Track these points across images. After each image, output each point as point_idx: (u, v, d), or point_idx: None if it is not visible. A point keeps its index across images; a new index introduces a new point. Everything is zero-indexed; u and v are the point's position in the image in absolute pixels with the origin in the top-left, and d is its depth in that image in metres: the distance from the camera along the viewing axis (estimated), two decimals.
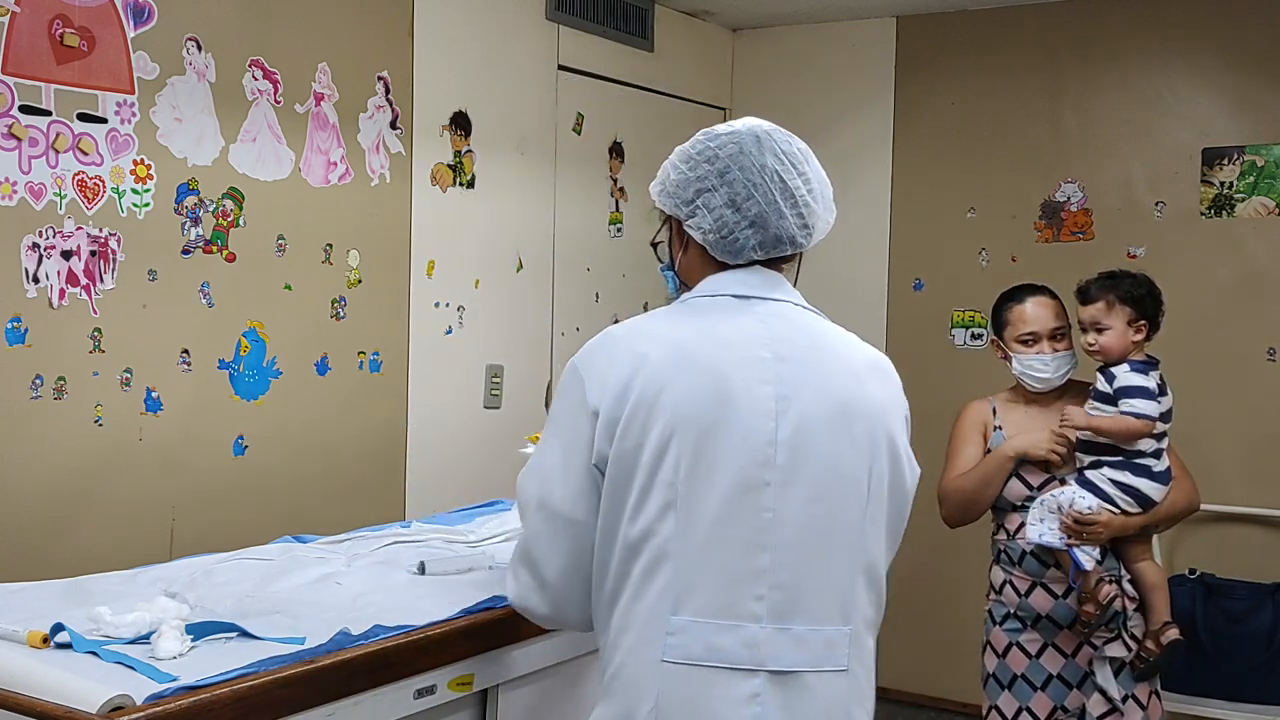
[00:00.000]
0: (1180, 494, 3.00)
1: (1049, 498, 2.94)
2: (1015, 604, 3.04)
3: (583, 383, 1.76)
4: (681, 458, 1.69)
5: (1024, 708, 3.05)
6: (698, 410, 1.70)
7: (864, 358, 1.82)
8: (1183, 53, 4.57)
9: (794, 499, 1.70)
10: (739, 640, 1.68)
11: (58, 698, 1.63)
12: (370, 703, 1.88)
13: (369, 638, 1.92)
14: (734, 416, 1.70)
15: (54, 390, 2.96)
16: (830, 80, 5.22)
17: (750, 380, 1.72)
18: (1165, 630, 2.95)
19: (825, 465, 1.72)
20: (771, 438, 1.70)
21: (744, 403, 1.71)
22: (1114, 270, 3.03)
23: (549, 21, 4.42)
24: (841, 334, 1.86)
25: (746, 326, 1.77)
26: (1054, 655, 3.02)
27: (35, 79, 2.88)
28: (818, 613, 1.70)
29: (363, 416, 3.77)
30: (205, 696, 1.66)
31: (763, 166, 1.80)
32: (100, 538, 3.05)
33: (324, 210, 3.60)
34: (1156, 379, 2.92)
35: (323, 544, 2.60)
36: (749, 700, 1.67)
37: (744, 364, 1.73)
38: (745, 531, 1.69)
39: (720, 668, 1.68)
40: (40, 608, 2.02)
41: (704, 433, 1.70)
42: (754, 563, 1.68)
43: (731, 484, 1.69)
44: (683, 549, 1.69)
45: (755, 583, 1.68)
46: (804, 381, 1.74)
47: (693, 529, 1.69)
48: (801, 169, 1.82)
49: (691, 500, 1.69)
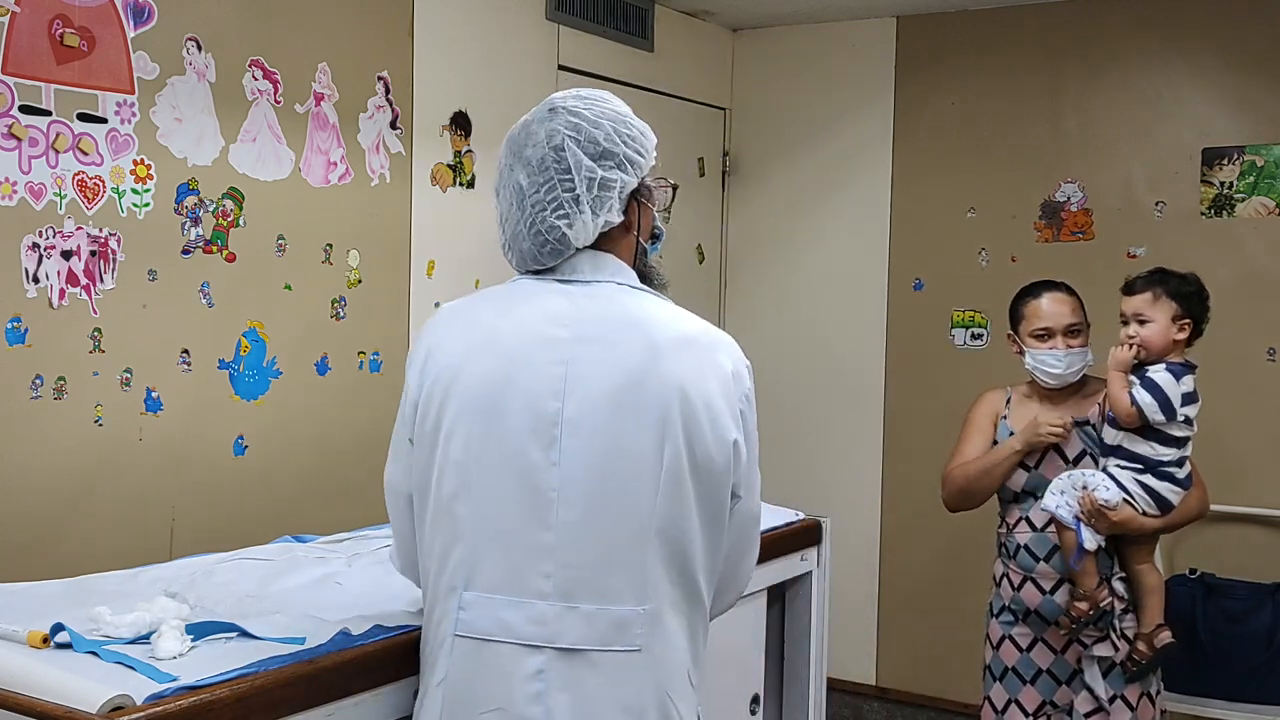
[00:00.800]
0: (1192, 499, 2.99)
1: (1078, 474, 2.94)
2: (1010, 597, 3.07)
3: (409, 362, 1.85)
4: (470, 439, 1.73)
5: (1013, 700, 3.07)
6: (485, 392, 1.74)
7: (676, 334, 1.78)
8: (1183, 53, 4.57)
9: (578, 478, 1.71)
10: (527, 617, 1.70)
11: (58, 698, 1.63)
12: (370, 703, 1.88)
13: (369, 638, 1.92)
14: (518, 397, 1.73)
15: (54, 390, 2.96)
16: (830, 80, 5.22)
17: (540, 361, 1.74)
18: (1158, 633, 2.96)
19: (610, 443, 1.71)
20: (556, 418, 1.72)
21: (530, 383, 1.73)
22: (1164, 267, 3.00)
23: (549, 21, 4.42)
24: (660, 312, 1.82)
25: (551, 307, 1.78)
26: (1043, 650, 3.04)
27: (35, 79, 2.88)
28: (606, 592, 1.70)
29: (363, 416, 3.77)
30: (205, 696, 1.66)
31: (510, 181, 1.86)
32: (100, 538, 3.05)
33: (324, 210, 3.60)
34: (1188, 385, 2.88)
35: (323, 544, 2.60)
36: (533, 676, 1.70)
37: (538, 345, 1.75)
38: (530, 510, 1.71)
39: (506, 643, 1.71)
40: (40, 608, 2.02)
41: (490, 413, 1.73)
42: (540, 540, 1.71)
43: (516, 464, 1.72)
44: (473, 528, 1.73)
45: (542, 560, 1.71)
46: (598, 360, 1.74)
47: (481, 508, 1.73)
48: (547, 172, 1.81)
49: (481, 480, 1.73)
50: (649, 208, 1.95)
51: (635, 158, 1.86)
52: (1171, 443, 2.89)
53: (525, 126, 1.87)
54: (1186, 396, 2.88)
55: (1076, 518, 2.89)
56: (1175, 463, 2.90)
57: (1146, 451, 2.90)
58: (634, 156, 1.86)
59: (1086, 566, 2.90)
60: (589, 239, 1.83)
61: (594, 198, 1.81)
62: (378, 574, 2.34)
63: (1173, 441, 2.89)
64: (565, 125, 1.82)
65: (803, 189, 5.26)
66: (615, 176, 1.82)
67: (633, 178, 1.86)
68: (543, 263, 1.83)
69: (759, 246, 5.38)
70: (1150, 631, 2.97)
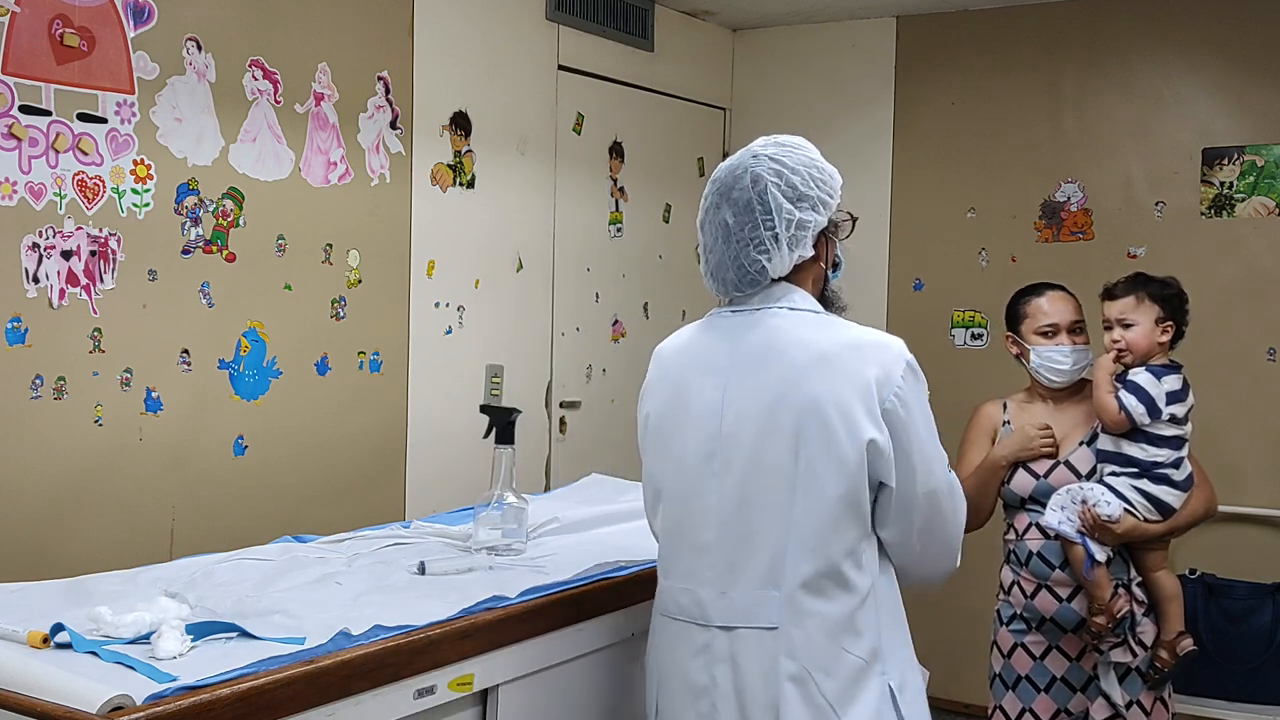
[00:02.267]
0: (1199, 501, 2.96)
1: (1075, 488, 2.92)
2: (1022, 605, 3.04)
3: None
4: (659, 456, 2.15)
5: (1027, 709, 3.04)
6: (666, 415, 2.14)
7: (814, 354, 2.02)
8: (1183, 53, 4.57)
9: (730, 485, 2.04)
10: (694, 601, 2.07)
11: (58, 698, 1.62)
12: (370, 703, 1.88)
13: (369, 638, 1.92)
14: (688, 419, 2.09)
15: (54, 390, 2.96)
16: (830, 80, 5.22)
17: (705, 386, 2.08)
18: (1180, 640, 2.94)
19: (755, 456, 2.02)
20: (716, 433, 2.06)
21: (696, 406, 2.09)
22: (1142, 272, 3.01)
23: (549, 21, 4.42)
24: (808, 334, 2.05)
25: (718, 339, 2.11)
26: (1058, 658, 3.01)
27: (35, 79, 2.88)
28: (748, 579, 2.02)
29: (363, 416, 3.77)
30: (205, 696, 1.66)
31: (716, 219, 2.12)
32: (100, 538, 3.05)
33: (324, 210, 3.60)
34: (1171, 384, 2.88)
35: (323, 544, 2.60)
36: (701, 649, 2.06)
37: (704, 373, 2.09)
38: (698, 515, 2.07)
39: (683, 621, 2.08)
40: (40, 608, 2.01)
41: (670, 434, 2.12)
42: (703, 538, 2.06)
43: (687, 475, 2.09)
44: (664, 529, 2.15)
45: (704, 554, 2.06)
46: (746, 384, 2.05)
47: (669, 514, 2.13)
48: (752, 214, 2.06)
49: (666, 491, 2.13)
50: (834, 240, 2.17)
51: (827, 199, 2.10)
52: (1162, 443, 2.87)
53: (731, 171, 2.13)
54: (1171, 395, 2.86)
55: (1080, 532, 2.88)
56: (1170, 465, 2.89)
57: (1137, 454, 2.88)
58: (825, 199, 2.10)
59: (1099, 578, 2.88)
60: (784, 271, 2.08)
61: (790, 236, 2.06)
62: (378, 574, 2.34)
63: (1163, 442, 2.87)
64: (768, 171, 2.08)
65: None
66: (810, 217, 2.07)
67: (824, 218, 2.09)
68: (742, 290, 2.10)
69: None
70: (1173, 639, 2.94)
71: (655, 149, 5.05)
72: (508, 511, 2.53)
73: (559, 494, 3.27)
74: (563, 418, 4.62)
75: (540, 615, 2.18)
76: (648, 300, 5.01)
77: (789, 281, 2.10)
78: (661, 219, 5.10)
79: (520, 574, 2.33)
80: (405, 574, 2.34)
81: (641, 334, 4.94)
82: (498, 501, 2.53)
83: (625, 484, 3.25)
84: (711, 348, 2.11)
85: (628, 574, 2.40)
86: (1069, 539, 2.90)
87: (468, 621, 2.06)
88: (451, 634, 2.02)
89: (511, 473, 2.57)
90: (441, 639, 2.00)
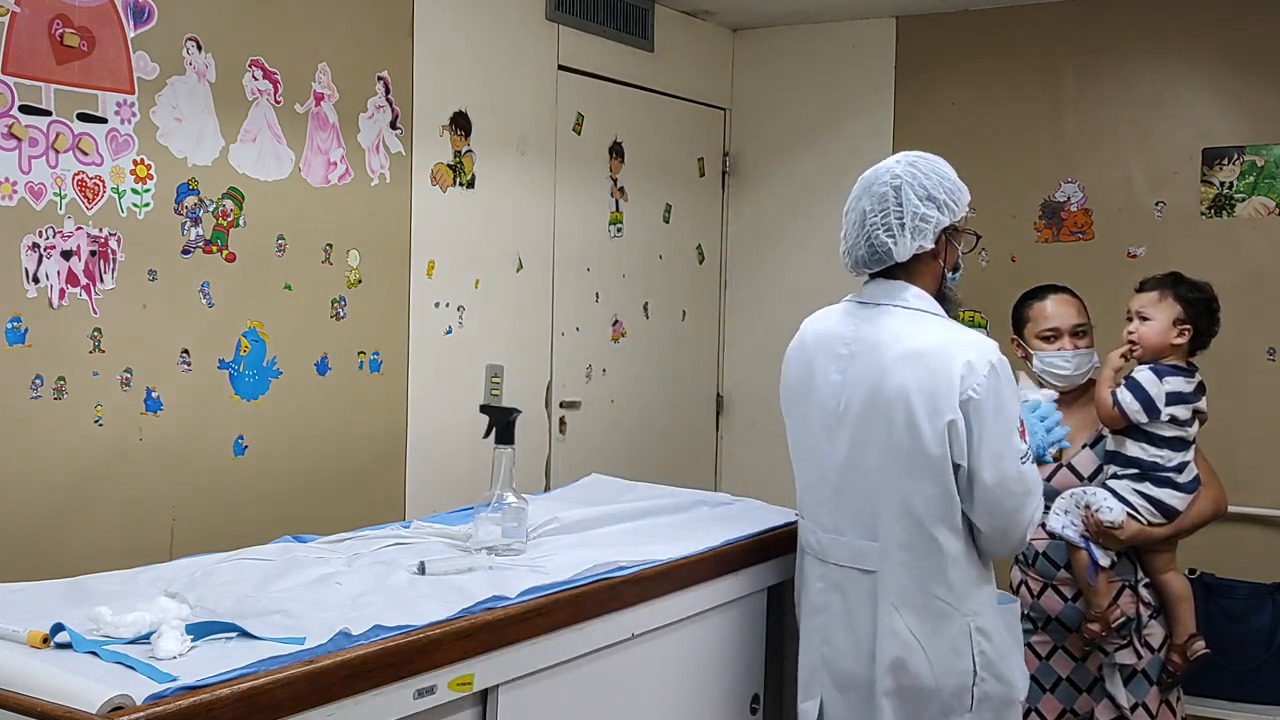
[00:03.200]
0: (1206, 501, 2.94)
1: (1079, 493, 2.91)
2: (1028, 605, 3.03)
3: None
4: (796, 419, 2.60)
5: (1033, 709, 3.04)
6: (799, 387, 2.57)
7: (905, 350, 2.39)
8: (1183, 53, 4.57)
9: (842, 454, 2.47)
10: (817, 541, 2.54)
11: (58, 698, 1.62)
12: (370, 703, 1.88)
13: (369, 638, 1.92)
14: (814, 395, 2.53)
15: (54, 390, 2.96)
16: (830, 80, 5.22)
17: (828, 370, 2.50)
18: (1191, 643, 2.93)
19: (861, 433, 2.43)
20: (835, 410, 2.48)
21: (821, 385, 2.51)
22: (1180, 272, 2.99)
23: (549, 21, 4.42)
24: (909, 330, 2.41)
25: (841, 327, 2.52)
26: (1063, 658, 3.01)
27: (35, 79, 2.88)
28: (853, 530, 2.47)
29: (363, 416, 3.77)
30: (205, 696, 1.66)
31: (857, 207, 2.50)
32: (100, 538, 3.05)
33: (324, 210, 3.60)
34: (1175, 385, 2.85)
35: (323, 544, 2.60)
36: (820, 577, 2.53)
37: (830, 358, 2.50)
38: (821, 475, 2.52)
39: (810, 555, 2.57)
40: (40, 608, 2.01)
41: (803, 403, 2.56)
42: (823, 492, 2.52)
43: (812, 440, 2.53)
44: (800, 480, 2.61)
45: (824, 505, 2.52)
46: (857, 370, 2.45)
47: (801, 468, 2.60)
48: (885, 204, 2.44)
49: (798, 449, 2.60)
50: (955, 246, 2.52)
51: (950, 203, 2.45)
52: (1163, 444, 2.85)
53: (875, 172, 2.49)
54: (1172, 396, 2.83)
55: (1083, 536, 2.87)
56: (1174, 468, 2.86)
57: (1138, 454, 2.86)
58: (949, 202, 2.45)
59: (1100, 585, 2.87)
60: (905, 256, 2.43)
61: (914, 226, 2.41)
62: (378, 574, 2.34)
63: (1164, 443, 2.85)
64: (906, 173, 2.45)
65: (803, 189, 5.26)
66: (933, 214, 2.42)
67: (946, 217, 2.44)
68: (871, 267, 2.48)
69: (759, 246, 5.38)
70: (1184, 642, 2.94)
71: (655, 149, 5.04)
72: (508, 511, 2.53)
73: (559, 494, 3.27)
74: (563, 418, 4.62)
75: (540, 615, 2.18)
76: (648, 300, 5.01)
77: (910, 279, 2.46)
78: (661, 219, 5.10)
79: (520, 574, 2.33)
80: (405, 574, 2.34)
81: (641, 334, 4.93)
82: (498, 501, 2.53)
83: (625, 484, 3.25)
84: (840, 334, 2.50)
85: (628, 574, 2.40)
86: (1073, 544, 2.89)
87: (468, 621, 2.06)
88: (451, 634, 2.02)
89: (511, 473, 2.57)
90: (441, 639, 2.00)
